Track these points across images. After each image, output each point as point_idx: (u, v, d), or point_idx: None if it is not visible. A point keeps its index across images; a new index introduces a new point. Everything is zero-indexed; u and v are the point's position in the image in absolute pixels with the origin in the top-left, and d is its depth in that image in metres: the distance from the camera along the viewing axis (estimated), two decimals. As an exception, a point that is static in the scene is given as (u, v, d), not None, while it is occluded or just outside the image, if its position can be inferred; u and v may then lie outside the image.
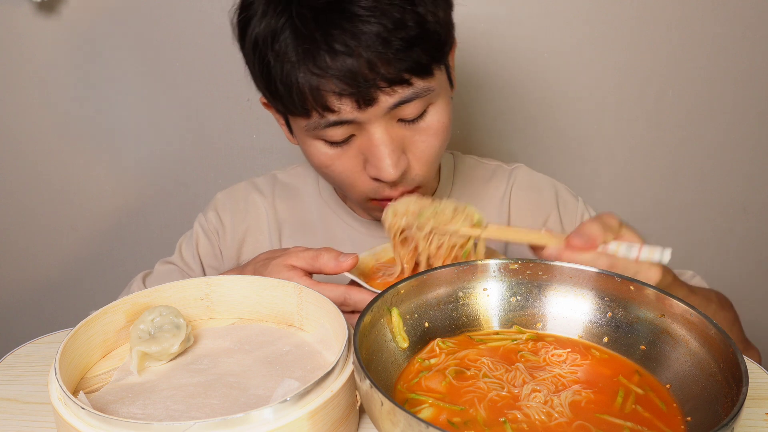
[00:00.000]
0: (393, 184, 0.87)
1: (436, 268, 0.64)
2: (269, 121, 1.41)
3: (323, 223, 1.05)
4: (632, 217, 1.46)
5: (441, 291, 0.65)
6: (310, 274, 0.80)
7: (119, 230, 1.50)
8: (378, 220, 0.90)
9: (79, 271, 1.53)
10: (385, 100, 0.80)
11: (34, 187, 1.47)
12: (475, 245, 0.81)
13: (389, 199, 0.88)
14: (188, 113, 1.41)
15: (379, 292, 0.75)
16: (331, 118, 0.81)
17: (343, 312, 0.72)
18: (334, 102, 0.79)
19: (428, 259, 0.81)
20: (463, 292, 0.65)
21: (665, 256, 0.71)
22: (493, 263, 0.66)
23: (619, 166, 1.43)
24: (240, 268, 0.88)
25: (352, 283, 0.80)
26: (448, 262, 0.80)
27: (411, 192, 0.89)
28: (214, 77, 1.38)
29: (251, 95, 1.39)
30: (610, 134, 1.41)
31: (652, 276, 0.72)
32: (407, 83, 0.80)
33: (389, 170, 0.83)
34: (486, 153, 1.41)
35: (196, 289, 0.73)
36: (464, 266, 0.65)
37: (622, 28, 1.33)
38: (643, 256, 0.71)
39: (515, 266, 0.65)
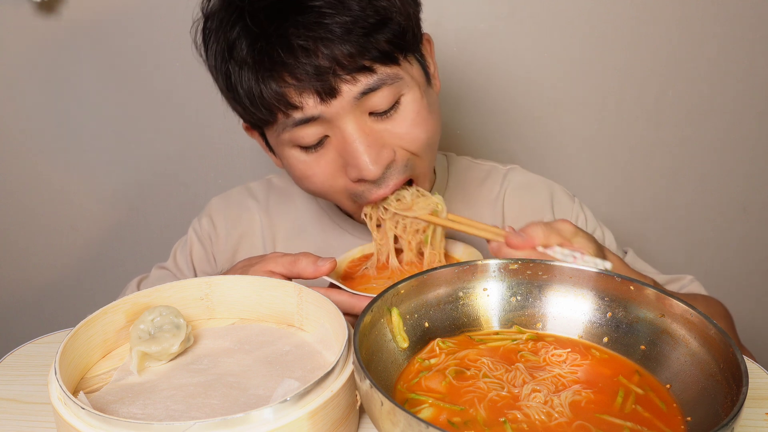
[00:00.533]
0: (380, 181, 0.84)
1: (435, 268, 0.64)
2: (269, 121, 1.41)
3: (319, 227, 1.05)
4: (632, 217, 1.46)
5: (441, 291, 0.65)
6: (289, 279, 0.80)
7: (119, 230, 1.50)
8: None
9: (79, 271, 1.53)
10: (349, 89, 0.78)
11: (34, 187, 1.47)
12: (434, 231, 0.86)
13: (381, 197, 0.86)
14: (188, 113, 1.41)
15: (358, 293, 0.76)
16: (296, 115, 0.79)
17: None
18: (295, 97, 0.78)
19: (397, 239, 0.86)
20: (463, 292, 0.65)
21: (600, 267, 0.70)
22: (493, 263, 0.66)
23: (619, 166, 1.43)
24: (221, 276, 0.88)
25: (332, 285, 0.80)
26: (413, 244, 0.86)
27: (406, 182, 0.87)
28: (214, 77, 1.38)
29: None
30: (610, 134, 1.41)
31: None
32: (369, 70, 0.78)
33: (369, 167, 0.80)
34: (486, 153, 1.41)
35: (196, 289, 0.73)
36: (464, 266, 0.65)
37: (621, 29, 1.33)
38: (579, 263, 0.71)
39: (515, 266, 0.65)
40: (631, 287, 0.62)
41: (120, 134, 1.43)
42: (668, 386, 0.57)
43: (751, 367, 0.69)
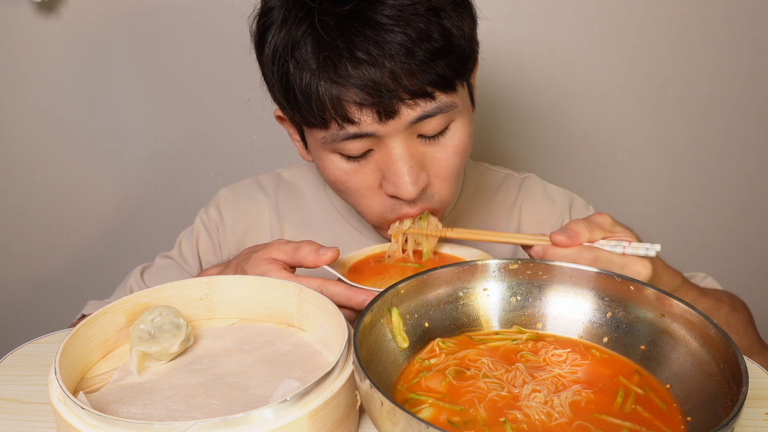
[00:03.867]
0: (411, 202, 0.84)
1: (435, 268, 0.64)
2: (269, 121, 1.40)
3: (327, 224, 1.04)
4: (632, 217, 1.46)
5: (441, 291, 0.65)
6: (293, 268, 0.80)
7: (119, 230, 1.50)
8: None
9: (80, 272, 1.53)
10: (407, 113, 0.78)
11: (34, 187, 1.46)
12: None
13: (407, 216, 0.86)
14: (188, 113, 1.41)
15: (355, 284, 0.75)
16: (351, 129, 0.79)
17: None
18: (355, 113, 0.78)
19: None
20: (463, 292, 0.65)
21: (651, 251, 0.72)
22: (493, 263, 0.66)
23: (619, 166, 1.43)
24: (225, 264, 0.88)
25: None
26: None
27: (432, 212, 0.88)
28: (214, 77, 1.38)
29: (251, 95, 1.39)
30: (610, 135, 1.41)
31: (641, 270, 0.72)
32: (430, 97, 0.78)
33: (408, 187, 0.81)
34: (484, 153, 1.41)
35: (196, 289, 0.73)
36: (464, 266, 0.65)
37: (621, 28, 1.33)
38: (629, 251, 0.73)
39: (515, 266, 0.65)
40: (631, 287, 0.62)
41: (120, 134, 1.43)
42: (668, 386, 0.57)
43: (751, 367, 0.69)
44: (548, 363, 0.61)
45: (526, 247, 0.78)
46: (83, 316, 1.02)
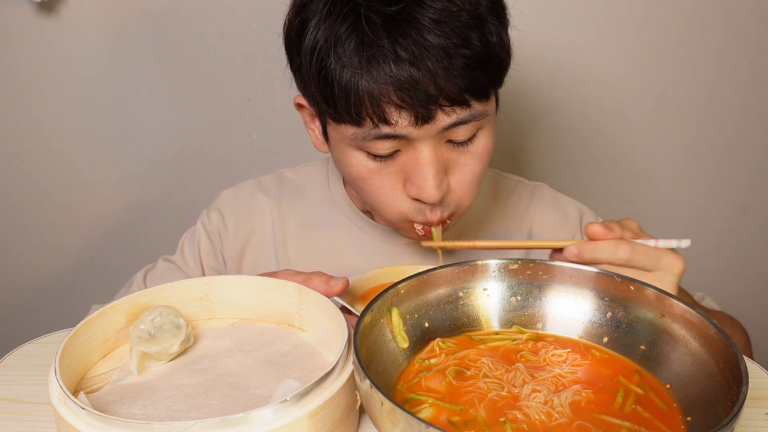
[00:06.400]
0: (432, 207, 0.84)
1: (435, 268, 0.64)
2: (269, 121, 1.41)
3: (332, 225, 1.03)
4: (631, 217, 1.46)
5: (441, 291, 0.65)
6: None
7: (120, 230, 1.50)
8: (407, 239, 0.89)
9: (80, 272, 1.53)
10: (443, 119, 0.78)
11: (34, 187, 1.46)
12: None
13: (429, 223, 0.86)
14: (188, 113, 1.41)
15: (357, 313, 0.75)
16: (385, 130, 0.79)
17: None
18: (393, 114, 0.77)
19: None
20: (463, 292, 0.65)
21: (683, 242, 0.75)
22: (493, 263, 0.66)
23: (619, 166, 1.43)
24: None
25: (342, 308, 0.79)
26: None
27: (448, 218, 0.87)
28: (214, 77, 1.38)
29: (251, 95, 1.39)
30: (609, 135, 1.41)
31: (675, 262, 0.74)
32: (466, 104, 0.78)
33: (432, 191, 0.81)
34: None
35: (196, 289, 0.73)
36: (464, 266, 0.65)
37: (620, 27, 1.33)
38: (661, 245, 0.75)
39: (515, 266, 0.66)
40: (631, 287, 0.62)
41: (120, 134, 1.43)
42: (668, 386, 0.57)
43: (751, 367, 0.69)
44: (548, 363, 0.61)
45: (556, 252, 0.79)
46: None
